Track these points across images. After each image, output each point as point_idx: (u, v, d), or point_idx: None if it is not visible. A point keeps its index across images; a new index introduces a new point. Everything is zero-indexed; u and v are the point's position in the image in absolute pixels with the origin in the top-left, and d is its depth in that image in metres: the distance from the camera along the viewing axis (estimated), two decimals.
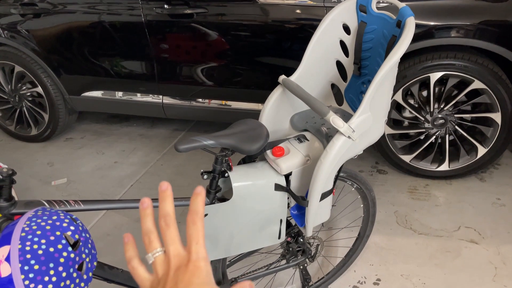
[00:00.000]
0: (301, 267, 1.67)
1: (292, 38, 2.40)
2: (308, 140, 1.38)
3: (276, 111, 1.46)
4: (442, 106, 2.39)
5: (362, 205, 1.69)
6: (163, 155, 3.09)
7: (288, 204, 1.41)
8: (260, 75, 2.59)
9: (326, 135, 1.37)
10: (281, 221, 1.41)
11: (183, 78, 2.74)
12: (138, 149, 3.19)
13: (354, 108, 1.51)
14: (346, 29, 1.45)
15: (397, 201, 2.41)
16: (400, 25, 1.21)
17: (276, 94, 1.43)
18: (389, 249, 2.08)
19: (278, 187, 1.33)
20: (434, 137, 2.47)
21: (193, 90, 2.78)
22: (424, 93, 2.43)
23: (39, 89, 3.11)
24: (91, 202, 1.16)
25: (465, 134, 2.41)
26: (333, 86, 1.55)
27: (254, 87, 2.64)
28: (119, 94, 2.97)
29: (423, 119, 2.43)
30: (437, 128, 2.44)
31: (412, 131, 2.51)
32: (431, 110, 2.39)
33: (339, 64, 1.51)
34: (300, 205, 1.34)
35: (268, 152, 1.36)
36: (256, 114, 2.73)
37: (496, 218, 2.23)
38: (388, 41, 1.25)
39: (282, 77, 1.40)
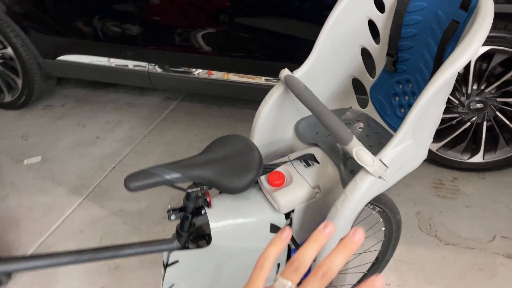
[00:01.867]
0: None
1: None
2: (318, 163, 1.00)
3: (276, 116, 1.06)
4: (482, 88, 1.96)
5: (383, 229, 1.33)
6: (151, 129, 2.71)
7: (289, 245, 1.06)
8: (267, 43, 2.15)
9: (344, 156, 0.98)
10: (278, 265, 1.06)
11: (172, 43, 2.30)
12: (124, 121, 2.81)
13: (383, 113, 1.11)
14: (379, 4, 1.01)
15: (420, 199, 2.05)
16: (467, 6, 0.78)
17: (276, 94, 1.03)
18: (410, 263, 1.74)
19: (275, 229, 0.97)
20: (469, 123, 2.06)
21: (185, 58, 2.35)
22: (461, 71, 1.99)
23: (9, 50, 2.69)
24: (8, 262, 0.81)
25: (507, 122, 1.99)
26: (355, 81, 1.14)
27: (259, 57, 2.20)
28: (98, 59, 2.55)
29: (457, 102, 2.01)
30: (473, 113, 2.02)
31: (442, 116, 2.09)
32: (468, 91, 1.97)
33: (365, 53, 1.09)
34: None
35: (263, 179, 0.98)
36: (259, 90, 2.32)
37: None
38: (445, 29, 0.83)
39: (284, 73, 0.99)
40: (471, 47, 0.70)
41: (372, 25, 1.04)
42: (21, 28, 2.55)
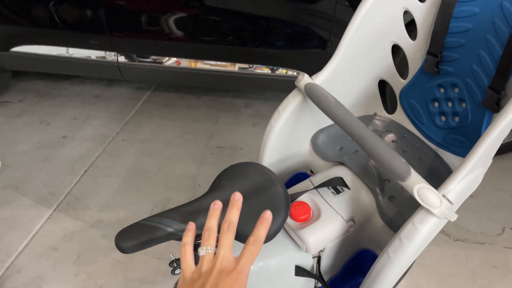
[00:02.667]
0: None
1: None
2: (349, 189, 0.82)
3: (291, 129, 0.87)
4: None
5: None
6: (124, 125, 2.46)
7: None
8: (240, 24, 1.94)
9: (380, 178, 0.81)
10: None
11: (141, 29, 2.05)
12: (93, 116, 2.55)
13: (417, 121, 0.94)
14: None
15: None
16: None
17: (292, 105, 0.84)
18: (421, 264, 1.63)
19: (301, 272, 0.80)
20: None
21: (156, 46, 2.10)
22: None
23: None
24: None
25: None
26: (380, 83, 0.96)
27: (234, 42, 2.00)
28: (58, 50, 2.25)
29: None
30: None
31: None
32: None
33: (395, 51, 0.91)
34: None
35: None
36: (231, 78, 2.12)
37: None
38: None
39: (305, 81, 0.79)
40: None
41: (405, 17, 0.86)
42: None
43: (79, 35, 2.15)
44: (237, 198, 0.54)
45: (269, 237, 0.69)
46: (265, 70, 2.16)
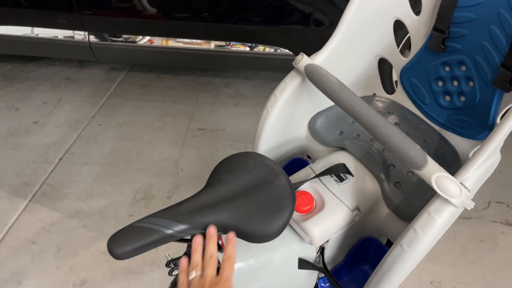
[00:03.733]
0: None
1: None
2: (352, 176, 0.77)
3: (288, 112, 0.82)
4: None
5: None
6: (99, 109, 2.35)
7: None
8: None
9: (384, 164, 0.77)
10: None
11: (113, 6, 1.92)
12: (65, 100, 2.42)
13: (420, 101, 0.90)
14: None
15: None
16: None
17: (290, 88, 0.78)
18: None
19: (304, 265, 0.75)
20: None
21: (127, 24, 1.98)
22: None
23: None
24: None
25: None
26: (380, 62, 0.91)
27: (209, 18, 1.91)
28: (26, 30, 2.10)
29: None
30: None
31: None
32: None
33: (397, 27, 0.85)
34: None
35: None
36: (207, 57, 2.03)
37: None
38: None
39: (304, 61, 0.73)
40: None
41: None
42: None
43: (46, 13, 2.00)
44: (212, 232, 0.64)
45: (275, 234, 0.64)
46: (241, 47, 2.07)
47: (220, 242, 0.70)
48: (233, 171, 0.67)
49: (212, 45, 2.06)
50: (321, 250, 0.78)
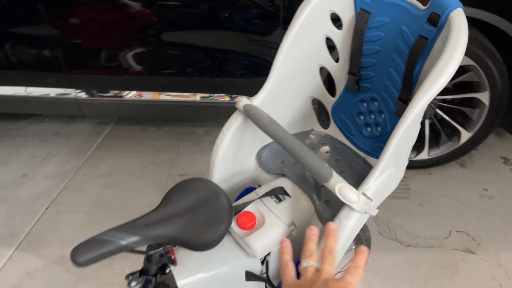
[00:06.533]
0: None
1: (234, 7, 1.86)
2: (289, 196, 0.91)
3: (236, 147, 0.96)
4: None
5: (354, 247, 1.28)
6: (86, 160, 2.48)
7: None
8: (198, 58, 2.04)
9: (316, 186, 0.90)
10: None
11: (98, 65, 2.11)
12: (54, 154, 2.55)
13: (348, 133, 1.05)
14: (336, 21, 0.95)
15: None
16: (435, 21, 0.73)
17: (234, 126, 0.93)
18: (376, 272, 1.72)
19: (251, 277, 0.87)
20: None
21: (114, 81, 2.17)
22: None
23: None
24: None
25: (447, 118, 2.05)
26: (314, 101, 1.07)
27: (192, 73, 2.09)
28: (15, 90, 2.28)
29: None
30: None
31: None
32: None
33: (323, 73, 1.02)
34: None
35: (232, 222, 0.87)
36: (194, 108, 2.20)
37: (488, 216, 1.94)
38: (412, 46, 0.78)
39: (243, 102, 0.89)
40: (451, 66, 0.66)
41: (329, 42, 0.98)
42: None
43: (36, 74, 2.19)
44: (333, 228, 0.66)
45: (214, 242, 0.76)
46: (226, 98, 2.24)
47: (172, 256, 0.82)
48: (181, 193, 0.80)
49: (197, 97, 2.23)
50: (266, 263, 0.90)
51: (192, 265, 0.83)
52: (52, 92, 2.26)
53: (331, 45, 0.99)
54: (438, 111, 2.05)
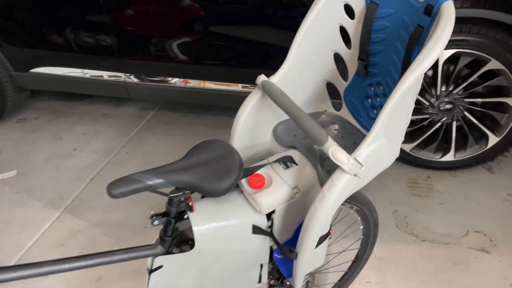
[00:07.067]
0: None
1: (280, 5, 1.99)
2: (296, 164, 1.03)
3: (254, 120, 1.09)
4: (450, 89, 2.04)
5: (361, 227, 1.37)
6: (129, 140, 2.70)
7: (271, 246, 1.08)
8: (241, 50, 2.19)
9: (321, 157, 1.02)
10: (261, 265, 1.08)
11: (148, 52, 2.31)
12: (101, 132, 2.79)
13: (357, 115, 1.16)
14: (349, 11, 1.06)
15: (396, 198, 2.11)
16: (430, 12, 0.83)
17: (253, 100, 1.06)
18: (389, 260, 1.79)
19: (257, 230, 0.99)
20: (440, 123, 2.14)
21: (161, 68, 2.36)
22: (430, 73, 2.07)
23: None
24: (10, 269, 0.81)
25: (475, 121, 2.08)
26: (329, 85, 1.18)
27: (235, 64, 2.24)
28: (73, 71, 2.53)
29: (427, 103, 2.08)
30: (443, 113, 2.10)
31: (414, 117, 2.17)
32: (437, 93, 2.05)
33: (338, 58, 1.13)
34: (287, 257, 1.01)
35: (244, 182, 1.01)
36: (235, 97, 2.35)
37: (509, 220, 1.95)
38: (411, 34, 0.88)
39: (261, 79, 1.02)
40: (435, 50, 0.75)
41: (343, 31, 1.09)
42: None
43: (91, 57, 2.42)
44: None
45: (225, 190, 0.89)
46: None
47: (190, 203, 0.96)
48: (201, 149, 0.94)
49: (239, 86, 2.36)
50: (271, 221, 1.02)
51: (206, 215, 0.97)
52: (104, 74, 2.49)
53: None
54: (467, 114, 2.09)
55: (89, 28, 2.31)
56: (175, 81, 2.42)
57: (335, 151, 0.81)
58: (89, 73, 2.52)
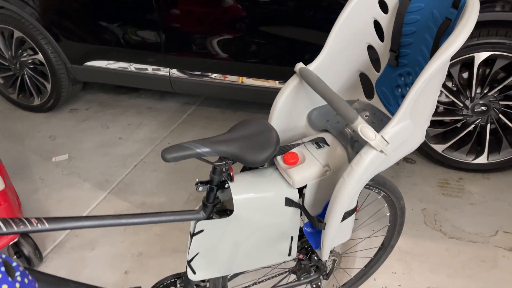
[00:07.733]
0: (314, 285, 1.46)
1: (319, 7, 2.09)
2: (328, 145, 1.13)
3: (291, 105, 1.20)
4: (485, 91, 2.07)
5: (388, 214, 1.45)
6: (171, 132, 2.87)
7: (302, 219, 1.18)
8: (280, 49, 2.30)
9: (351, 140, 1.11)
10: (291, 238, 1.18)
11: (192, 49, 2.47)
12: (145, 123, 2.98)
13: (387, 104, 1.24)
14: (383, 6, 1.15)
15: (426, 197, 2.15)
16: (457, 5, 0.91)
17: (291, 86, 1.16)
18: (415, 254, 1.84)
19: (289, 202, 1.10)
20: (473, 125, 2.17)
21: (204, 64, 2.51)
22: (465, 75, 2.11)
23: (40, 56, 2.89)
24: (58, 221, 0.95)
25: (510, 124, 2.10)
26: (362, 76, 1.27)
27: (273, 62, 2.35)
28: (123, 65, 2.72)
29: (461, 105, 2.12)
30: (477, 115, 2.13)
31: (447, 118, 2.21)
32: (472, 95, 2.08)
33: (371, 50, 1.22)
34: (315, 227, 1.11)
35: (279, 158, 1.11)
36: (274, 93, 2.47)
37: None
38: (439, 26, 0.96)
39: (299, 66, 1.13)
40: (459, 38, 0.83)
41: (376, 24, 1.18)
42: (52, 36, 2.74)
43: (140, 52, 2.60)
44: None
45: (263, 161, 1.00)
46: None
47: (231, 173, 1.08)
48: (243, 125, 1.06)
49: (276, 83, 2.46)
50: (303, 195, 1.12)
51: (245, 186, 1.08)
52: (149, 68, 2.66)
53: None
54: (502, 116, 2.10)
55: (140, 25, 2.49)
56: (215, 75, 2.56)
57: (363, 128, 0.90)
58: (137, 67, 2.70)
